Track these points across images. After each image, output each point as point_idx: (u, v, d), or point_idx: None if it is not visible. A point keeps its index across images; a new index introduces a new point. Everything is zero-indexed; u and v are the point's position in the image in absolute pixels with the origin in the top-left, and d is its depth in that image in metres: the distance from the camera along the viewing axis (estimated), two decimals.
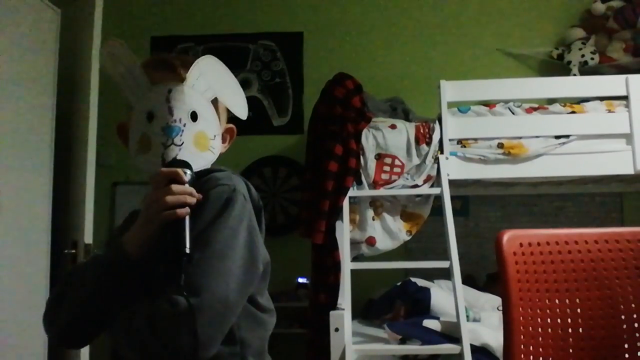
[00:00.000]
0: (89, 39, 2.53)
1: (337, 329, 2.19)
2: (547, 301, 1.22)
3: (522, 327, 1.18)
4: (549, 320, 1.21)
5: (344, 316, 2.23)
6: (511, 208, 3.47)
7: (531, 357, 1.18)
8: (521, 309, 1.19)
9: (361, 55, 3.62)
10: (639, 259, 1.26)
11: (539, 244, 1.24)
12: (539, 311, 1.21)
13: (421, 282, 2.85)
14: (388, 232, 2.58)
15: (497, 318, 2.48)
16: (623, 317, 1.24)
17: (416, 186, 2.57)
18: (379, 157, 2.58)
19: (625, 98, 2.60)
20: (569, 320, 1.22)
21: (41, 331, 0.98)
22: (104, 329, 0.93)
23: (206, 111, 1.01)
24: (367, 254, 2.59)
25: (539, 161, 2.58)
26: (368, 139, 2.59)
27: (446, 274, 2.46)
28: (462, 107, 2.68)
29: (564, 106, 2.66)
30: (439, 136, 2.59)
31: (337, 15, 3.71)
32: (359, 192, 2.55)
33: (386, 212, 2.60)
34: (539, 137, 2.58)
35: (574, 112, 2.63)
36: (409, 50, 3.63)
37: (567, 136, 2.58)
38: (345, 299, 2.34)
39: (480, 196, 3.44)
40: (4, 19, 2.16)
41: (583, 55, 3.28)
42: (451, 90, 2.62)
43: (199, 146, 0.99)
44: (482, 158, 2.58)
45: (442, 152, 2.58)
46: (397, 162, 2.58)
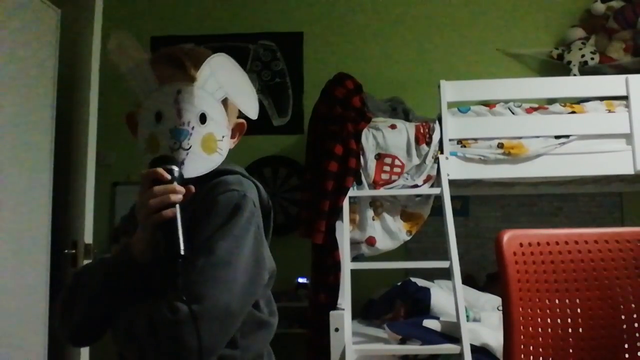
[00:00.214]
0: (89, 39, 2.53)
1: (337, 329, 2.19)
2: (547, 301, 1.22)
3: (522, 327, 1.18)
4: (549, 320, 1.21)
5: (344, 316, 2.23)
6: (511, 208, 3.47)
7: (531, 357, 1.18)
8: (521, 309, 1.19)
9: (361, 55, 3.62)
10: (639, 259, 1.26)
11: (539, 244, 1.24)
12: (539, 311, 1.21)
13: (421, 282, 2.85)
14: (388, 232, 2.58)
15: (497, 318, 2.48)
16: (623, 317, 1.24)
17: (416, 186, 2.57)
18: (379, 157, 2.58)
19: (625, 98, 2.61)
20: (569, 320, 1.22)
21: (41, 331, 0.98)
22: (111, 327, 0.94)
23: (215, 112, 0.99)
24: (367, 254, 2.59)
25: (539, 161, 2.58)
26: (368, 139, 2.59)
27: (446, 274, 2.46)
28: (462, 107, 2.68)
29: (564, 106, 2.66)
30: (439, 136, 2.59)
31: (337, 15, 3.71)
32: (359, 192, 2.55)
33: (386, 212, 2.60)
34: (539, 137, 2.59)
35: (574, 112, 2.63)
36: (409, 50, 3.63)
37: (567, 136, 2.58)
38: (345, 299, 2.34)
39: (480, 196, 3.44)
40: (4, 18, 2.16)
41: (583, 55, 3.28)
42: (451, 90, 2.62)
43: (207, 149, 0.97)
44: (482, 158, 2.58)
45: (442, 152, 2.58)
46: (397, 162, 2.58)
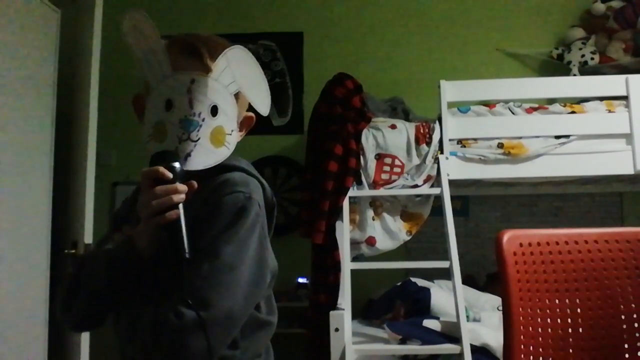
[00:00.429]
0: (89, 39, 2.54)
1: (337, 329, 2.19)
2: (547, 301, 1.22)
3: (522, 327, 1.18)
4: (549, 320, 1.21)
5: (344, 316, 2.23)
6: (511, 208, 3.47)
7: (531, 357, 1.18)
8: (521, 309, 1.19)
9: (361, 55, 3.62)
10: (639, 259, 1.26)
11: (539, 244, 1.24)
12: (539, 311, 1.21)
13: (421, 282, 2.85)
14: (388, 232, 2.58)
15: (497, 318, 2.48)
16: (623, 317, 1.24)
17: (416, 186, 2.57)
18: (379, 157, 2.58)
19: (625, 98, 2.60)
20: (569, 320, 1.22)
21: (41, 331, 0.98)
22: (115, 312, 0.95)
23: (227, 105, 0.97)
24: (367, 254, 2.59)
25: (539, 161, 2.58)
26: (368, 139, 2.58)
27: (446, 274, 2.46)
28: (462, 107, 2.68)
29: (564, 106, 2.66)
30: (439, 136, 2.59)
31: (337, 15, 3.71)
32: (359, 192, 2.55)
33: (386, 212, 2.60)
34: (539, 137, 2.58)
35: (574, 112, 2.63)
36: (409, 50, 3.63)
37: (567, 136, 2.58)
38: (345, 299, 2.34)
39: (480, 196, 3.44)
40: (4, 19, 2.16)
41: (583, 55, 3.28)
42: (451, 90, 2.62)
43: (215, 142, 0.95)
44: (482, 158, 2.58)
45: (442, 152, 2.58)
46: (397, 162, 2.58)
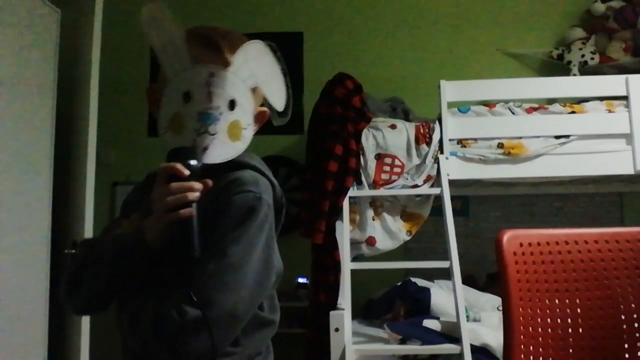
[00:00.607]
0: (89, 39, 2.54)
1: (337, 329, 2.19)
2: (547, 301, 1.22)
3: (522, 327, 1.18)
4: (549, 320, 1.21)
5: (344, 316, 2.23)
6: (511, 208, 3.47)
7: (531, 357, 1.18)
8: (521, 309, 1.19)
9: (361, 55, 3.62)
10: (639, 259, 1.26)
11: (539, 244, 1.24)
12: (539, 311, 1.21)
13: (421, 282, 2.85)
14: (388, 232, 2.57)
15: (497, 318, 2.48)
16: (623, 317, 1.24)
17: (416, 186, 2.57)
18: (379, 157, 2.58)
19: (625, 98, 2.60)
20: (569, 320, 1.22)
21: (41, 330, 0.98)
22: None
23: (244, 99, 0.98)
24: (367, 254, 2.59)
25: (539, 161, 2.58)
26: (368, 139, 2.58)
27: (446, 274, 2.46)
28: (462, 107, 2.68)
29: (564, 106, 2.66)
30: (439, 136, 2.59)
31: (337, 15, 3.71)
32: (359, 192, 2.55)
33: (386, 212, 2.60)
34: (539, 137, 2.58)
35: (574, 112, 2.63)
36: (409, 50, 3.63)
37: (567, 136, 2.58)
38: (345, 299, 2.34)
39: (480, 196, 3.44)
40: (4, 19, 2.16)
41: (583, 55, 3.28)
42: (451, 90, 2.62)
43: (232, 136, 0.96)
44: (482, 158, 2.57)
45: (442, 152, 2.57)
46: (397, 162, 2.58)
